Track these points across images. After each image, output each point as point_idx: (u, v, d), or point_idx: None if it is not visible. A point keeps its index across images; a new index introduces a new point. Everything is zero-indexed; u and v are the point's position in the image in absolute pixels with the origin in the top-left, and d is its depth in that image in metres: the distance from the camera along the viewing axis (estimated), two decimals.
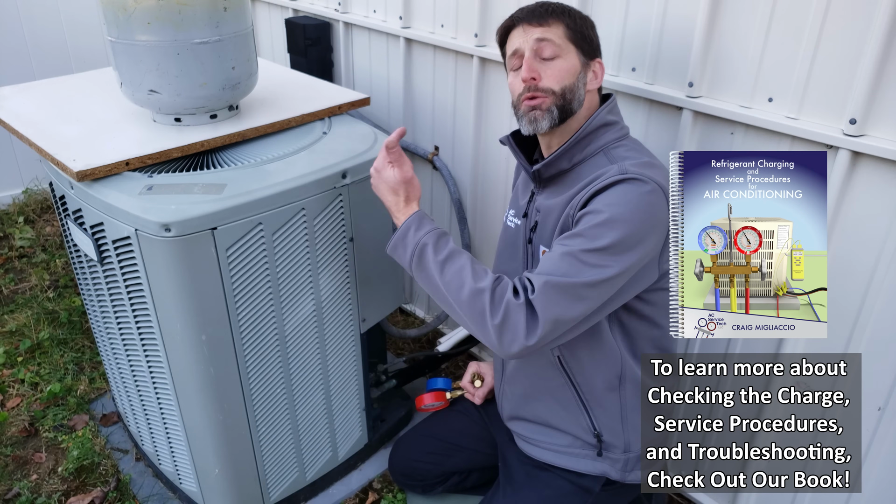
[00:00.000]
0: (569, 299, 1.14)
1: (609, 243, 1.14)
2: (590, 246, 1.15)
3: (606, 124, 1.29)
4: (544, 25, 1.26)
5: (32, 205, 3.39)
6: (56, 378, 2.31)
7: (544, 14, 1.26)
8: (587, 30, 1.29)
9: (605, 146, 1.29)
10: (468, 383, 1.73)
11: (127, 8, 1.41)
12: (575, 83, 1.26)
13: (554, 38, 1.25)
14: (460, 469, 1.71)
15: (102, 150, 1.47)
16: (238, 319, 1.46)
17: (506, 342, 1.15)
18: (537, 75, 1.26)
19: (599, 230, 1.15)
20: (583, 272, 1.14)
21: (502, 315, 1.15)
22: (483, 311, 1.17)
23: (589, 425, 1.38)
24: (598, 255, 1.14)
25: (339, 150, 1.60)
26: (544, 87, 1.26)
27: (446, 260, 1.23)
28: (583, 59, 1.28)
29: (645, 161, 1.24)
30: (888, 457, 1.40)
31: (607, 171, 1.22)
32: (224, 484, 1.64)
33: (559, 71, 1.25)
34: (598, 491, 1.41)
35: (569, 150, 1.28)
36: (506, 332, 1.15)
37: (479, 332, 1.19)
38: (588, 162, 1.29)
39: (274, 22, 2.77)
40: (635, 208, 1.16)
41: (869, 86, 1.20)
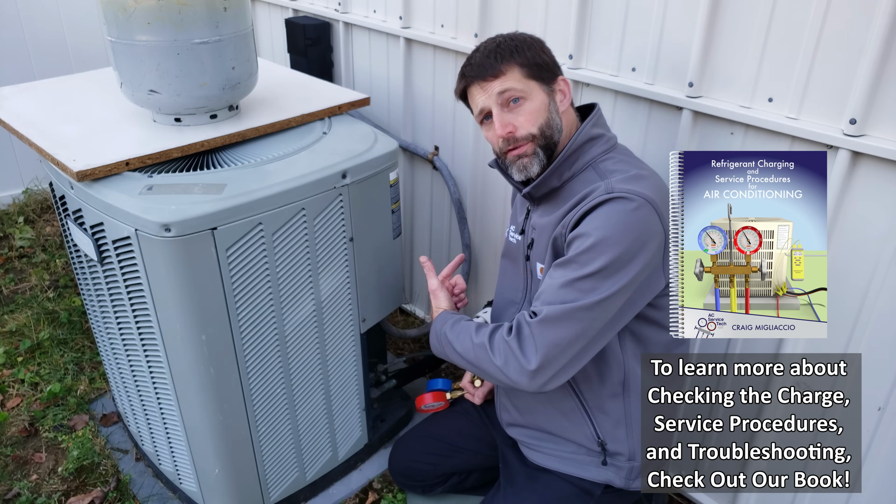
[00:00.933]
0: (564, 323, 1.18)
1: (599, 267, 1.16)
2: (582, 272, 1.17)
3: (592, 139, 1.30)
4: (500, 76, 1.25)
5: (32, 205, 3.39)
6: (56, 378, 2.31)
7: (495, 63, 1.25)
8: (540, 56, 1.28)
9: (593, 160, 1.29)
10: (468, 383, 1.73)
11: (127, 8, 1.41)
12: (549, 116, 1.27)
13: (513, 84, 1.25)
14: (460, 469, 1.71)
15: (102, 150, 1.47)
16: (238, 319, 1.46)
17: (513, 375, 1.22)
18: (512, 127, 1.27)
19: (589, 255, 1.17)
20: (578, 298, 1.17)
21: (502, 355, 1.23)
22: (488, 358, 1.25)
23: (592, 434, 1.38)
24: (592, 280, 1.17)
25: (339, 150, 1.60)
26: (523, 134, 1.27)
27: (458, 334, 1.34)
28: (546, 88, 1.27)
29: (632, 174, 1.23)
30: (888, 457, 1.40)
31: (595, 188, 1.23)
32: (224, 484, 1.64)
33: (530, 114, 1.26)
34: (599, 494, 1.41)
35: (557, 169, 1.29)
36: (510, 368, 1.22)
37: (495, 378, 1.27)
38: (578, 178, 1.29)
39: (274, 22, 2.77)
40: (622, 229, 1.17)
41: (869, 86, 1.20)
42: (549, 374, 1.20)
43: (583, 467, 1.41)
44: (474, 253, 2.24)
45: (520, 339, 1.21)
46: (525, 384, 1.21)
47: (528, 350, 1.20)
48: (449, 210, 2.28)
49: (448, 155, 2.20)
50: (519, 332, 1.22)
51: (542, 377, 1.19)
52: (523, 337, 1.21)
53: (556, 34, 1.71)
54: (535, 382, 1.20)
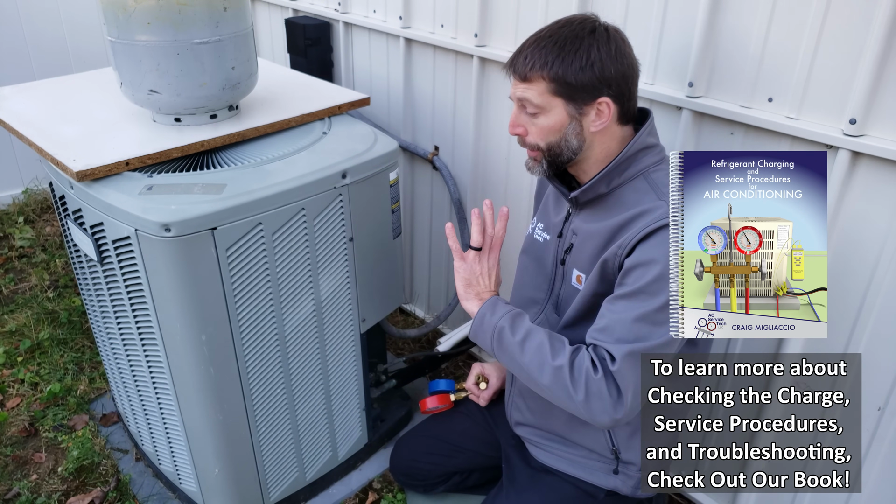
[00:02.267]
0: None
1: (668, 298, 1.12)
2: (654, 305, 1.14)
3: (646, 147, 1.26)
4: (525, 82, 1.21)
5: (32, 205, 3.39)
6: (56, 378, 2.31)
7: (525, 67, 1.20)
8: (579, 74, 1.16)
9: (645, 170, 1.25)
10: (473, 385, 1.72)
11: (127, 8, 1.41)
12: (560, 139, 1.22)
13: (533, 97, 1.20)
14: (462, 469, 1.71)
15: (102, 150, 1.47)
16: (238, 319, 1.46)
17: (595, 416, 1.18)
18: (522, 131, 1.25)
19: (655, 286, 1.14)
20: (654, 333, 1.15)
21: (584, 391, 1.17)
22: (566, 388, 1.19)
23: (608, 442, 1.37)
24: (665, 312, 1.13)
25: (339, 150, 1.60)
26: (530, 142, 1.26)
27: (525, 340, 1.24)
28: (573, 108, 1.19)
29: None
30: (888, 457, 1.40)
31: (655, 208, 1.18)
32: (224, 484, 1.64)
33: (541, 129, 1.23)
34: (602, 498, 1.41)
35: (607, 176, 1.24)
36: (592, 407, 1.17)
37: (567, 407, 1.21)
38: (627, 186, 1.25)
39: (274, 22, 2.77)
40: None
41: (869, 86, 1.20)
42: (630, 416, 1.18)
43: (591, 472, 1.40)
44: None
45: (607, 383, 1.16)
46: (605, 423, 1.18)
47: (616, 395, 1.16)
48: (449, 210, 2.28)
49: (448, 155, 2.20)
50: (605, 369, 1.17)
51: (623, 420, 1.18)
52: (610, 380, 1.16)
53: None
54: (613, 425, 1.18)
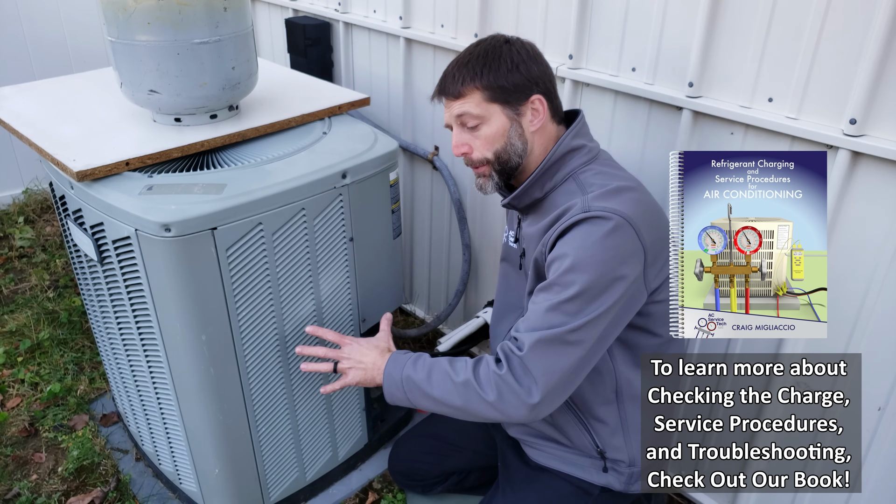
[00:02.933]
0: (559, 348, 1.16)
1: (581, 289, 1.14)
2: (565, 295, 1.15)
3: (572, 150, 1.27)
4: (460, 98, 1.24)
5: (32, 205, 3.39)
6: (56, 378, 2.31)
7: (456, 84, 1.24)
8: (507, 77, 1.22)
9: (574, 171, 1.27)
10: None
11: (127, 8, 1.41)
12: (506, 142, 1.25)
13: (472, 108, 1.23)
14: (460, 469, 1.71)
15: (102, 150, 1.47)
16: (238, 319, 1.46)
17: (511, 410, 1.18)
18: (467, 148, 1.27)
19: (569, 276, 1.15)
20: (566, 321, 1.15)
21: (494, 390, 1.18)
22: (478, 396, 1.20)
23: (591, 443, 1.38)
24: (576, 302, 1.15)
25: (339, 150, 1.60)
26: (477, 157, 1.27)
27: (429, 375, 1.26)
28: (510, 111, 1.24)
29: (611, 188, 1.20)
30: (888, 457, 1.40)
31: (572, 206, 1.20)
32: (224, 484, 1.64)
33: (486, 139, 1.25)
34: (597, 494, 1.41)
35: (538, 180, 1.27)
36: (506, 402, 1.18)
37: (488, 416, 1.21)
38: (559, 189, 1.28)
39: (274, 22, 2.77)
40: (598, 250, 1.15)
41: (869, 86, 1.20)
42: (549, 402, 1.18)
43: (584, 470, 1.41)
44: (474, 253, 2.24)
45: (514, 372, 1.17)
46: (523, 417, 1.18)
47: (527, 382, 1.16)
48: (449, 210, 2.28)
49: (448, 155, 2.20)
50: (510, 363, 1.18)
51: (542, 407, 1.17)
52: (516, 368, 1.17)
53: (555, 34, 1.71)
54: (534, 413, 1.18)
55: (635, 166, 1.63)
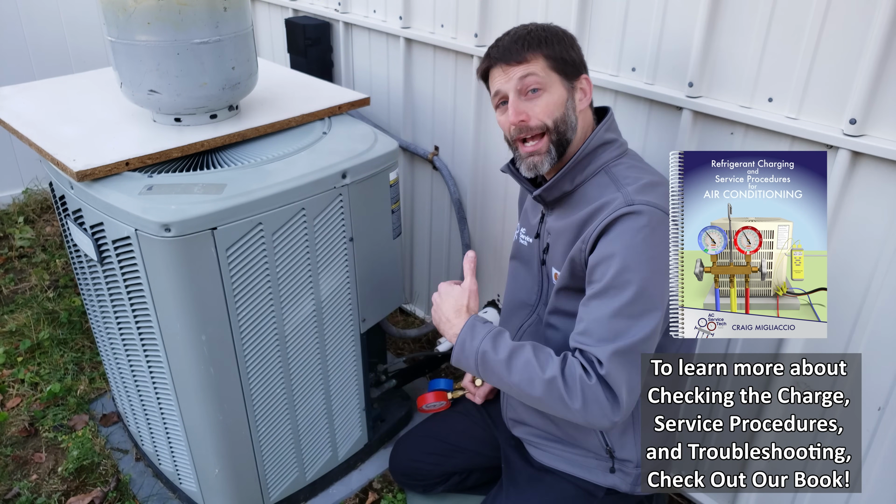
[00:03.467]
0: (631, 358, 1.15)
1: (639, 288, 1.13)
2: (625, 297, 1.14)
3: (605, 143, 1.28)
4: (524, 63, 1.23)
5: (32, 205, 3.39)
6: (56, 378, 2.31)
7: (521, 50, 1.24)
8: (567, 51, 1.26)
9: (606, 164, 1.27)
10: (469, 383, 1.73)
11: (127, 8, 1.41)
12: (565, 112, 1.25)
13: (537, 70, 1.23)
14: (461, 469, 1.71)
15: (102, 150, 1.47)
16: (238, 319, 1.46)
17: (594, 421, 1.17)
18: (525, 116, 1.25)
19: (623, 277, 1.14)
20: (634, 327, 1.14)
21: (581, 398, 1.15)
22: (561, 399, 1.17)
23: (601, 442, 1.37)
24: (638, 304, 1.14)
25: (339, 150, 1.60)
26: (536, 125, 1.25)
27: (509, 359, 1.21)
28: (567, 84, 1.26)
29: (646, 182, 1.21)
30: (888, 457, 1.40)
31: (612, 200, 1.20)
32: (224, 484, 1.64)
33: (547, 105, 1.24)
34: (601, 496, 1.41)
35: (569, 172, 1.27)
36: (591, 413, 1.16)
37: (564, 416, 1.20)
38: (590, 182, 1.27)
39: (274, 22, 2.77)
40: (647, 246, 1.14)
41: (869, 86, 1.20)
42: (629, 413, 1.17)
43: (590, 471, 1.41)
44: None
45: (602, 384, 1.15)
46: (605, 427, 1.18)
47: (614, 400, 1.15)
48: (449, 210, 2.28)
49: (448, 155, 2.20)
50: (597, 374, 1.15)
51: (621, 420, 1.17)
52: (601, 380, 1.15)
53: None
54: (615, 424, 1.17)
55: None
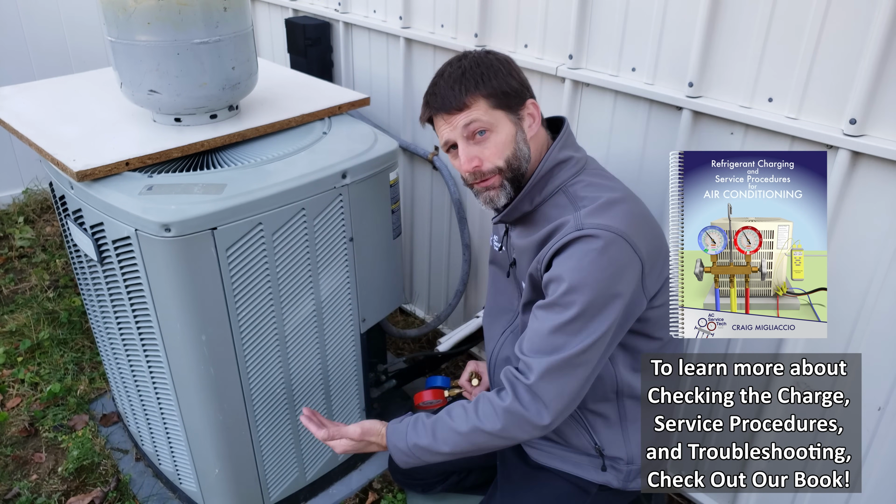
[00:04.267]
0: (567, 371, 1.16)
1: (581, 309, 1.14)
2: (567, 316, 1.15)
3: (560, 162, 1.26)
4: (464, 109, 1.21)
5: (32, 205, 3.39)
6: (56, 378, 2.31)
7: (458, 96, 1.21)
8: (506, 82, 1.22)
9: (563, 184, 1.26)
10: (466, 382, 1.73)
11: (127, 8, 1.41)
12: (515, 148, 1.23)
13: (481, 115, 1.20)
14: (459, 468, 1.71)
15: (102, 150, 1.47)
16: (238, 319, 1.46)
17: (521, 434, 1.20)
18: (478, 161, 1.23)
19: (568, 297, 1.15)
20: (570, 343, 1.15)
21: (500, 421, 1.19)
22: (486, 436, 1.21)
23: (590, 441, 1.38)
24: (578, 322, 1.15)
25: (339, 150, 1.60)
26: (489, 168, 1.24)
27: (434, 437, 1.27)
28: (513, 116, 1.23)
29: (602, 202, 1.19)
30: (888, 457, 1.40)
31: (565, 222, 1.20)
32: (224, 484, 1.64)
33: (496, 146, 1.22)
34: (595, 493, 1.41)
35: (528, 195, 1.26)
36: (513, 429, 1.19)
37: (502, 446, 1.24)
38: (549, 202, 1.27)
39: (274, 22, 2.77)
40: (594, 269, 1.14)
41: (869, 86, 1.20)
42: (559, 419, 1.19)
43: (583, 468, 1.41)
44: (474, 253, 2.24)
45: (520, 400, 1.18)
46: (537, 435, 1.21)
47: (535, 407, 1.17)
48: (449, 210, 2.28)
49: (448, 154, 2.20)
50: (516, 391, 1.19)
51: (553, 425, 1.19)
52: (523, 395, 1.18)
53: (555, 34, 1.71)
54: (545, 431, 1.20)
55: (635, 166, 1.63)
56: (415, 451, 1.29)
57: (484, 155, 1.23)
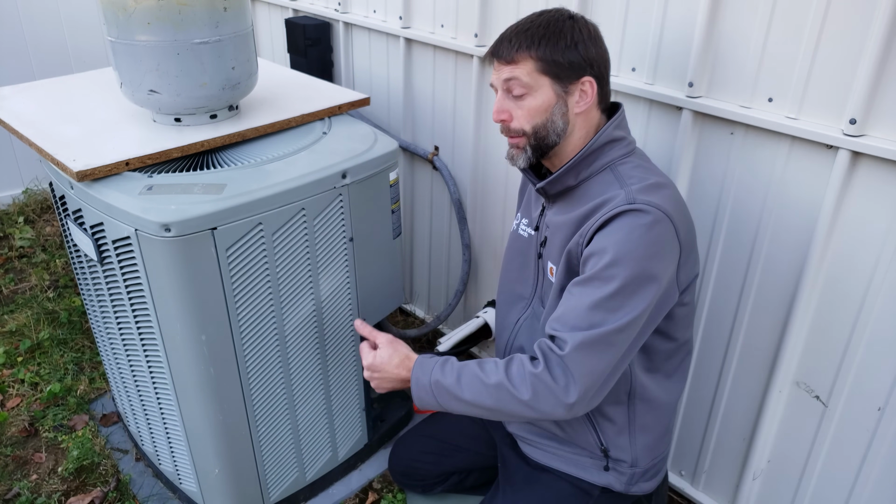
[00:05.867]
0: (601, 349, 1.14)
1: (622, 283, 1.12)
2: (607, 290, 1.13)
3: (613, 140, 1.26)
4: (511, 63, 1.20)
5: (32, 205, 3.39)
6: (56, 378, 2.31)
7: (510, 49, 1.20)
8: (565, 53, 1.19)
9: (612, 162, 1.25)
10: None
11: (127, 8, 1.41)
12: (547, 119, 1.22)
13: (521, 76, 1.20)
14: (460, 469, 1.71)
15: (102, 150, 1.47)
16: (238, 319, 1.46)
17: (547, 408, 1.16)
18: (507, 116, 1.24)
19: (610, 271, 1.13)
20: (608, 319, 1.13)
21: (530, 389, 1.16)
22: (511, 396, 1.17)
23: (596, 441, 1.37)
24: (618, 299, 1.13)
25: (339, 150, 1.60)
26: (515, 127, 1.24)
27: (458, 379, 1.23)
28: (559, 87, 1.21)
29: (651, 183, 1.20)
30: (888, 457, 1.40)
31: (614, 196, 1.19)
32: (224, 484, 1.64)
33: (528, 111, 1.22)
34: (597, 495, 1.41)
35: (574, 167, 1.25)
36: (541, 400, 1.16)
37: (523, 414, 1.19)
38: (595, 178, 1.26)
39: (274, 22, 2.77)
40: (640, 243, 1.13)
41: (869, 86, 1.20)
42: (586, 402, 1.16)
43: (584, 469, 1.41)
44: (474, 253, 2.24)
45: (551, 371, 1.15)
46: (560, 415, 1.17)
47: (564, 381, 1.14)
48: (449, 210, 2.28)
49: (448, 155, 2.20)
50: (548, 362, 1.16)
51: (579, 408, 1.16)
52: (554, 367, 1.15)
53: None
54: (571, 412, 1.16)
55: None
56: (435, 389, 1.25)
57: (515, 114, 1.23)
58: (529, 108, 1.22)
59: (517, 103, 1.23)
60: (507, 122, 1.25)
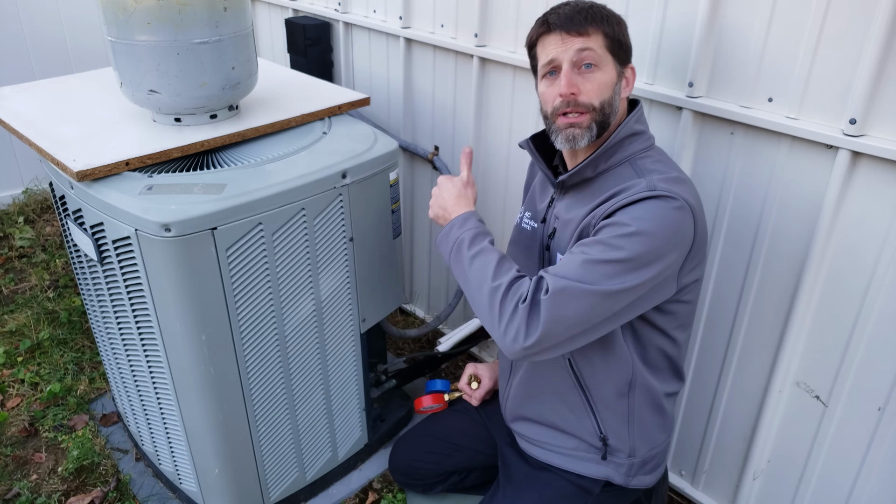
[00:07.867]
0: (575, 302, 1.12)
1: (629, 256, 1.11)
2: (610, 256, 1.12)
3: (634, 134, 1.26)
4: (584, 35, 1.19)
5: (32, 205, 3.39)
6: (56, 378, 2.31)
7: (584, 22, 1.19)
8: (624, 35, 1.24)
9: (632, 156, 1.25)
10: (465, 385, 1.73)
11: (127, 8, 1.41)
12: (612, 96, 1.22)
13: (595, 47, 1.19)
14: (460, 468, 1.71)
15: (102, 150, 1.47)
16: (238, 319, 1.46)
17: (506, 340, 1.15)
18: (577, 90, 1.20)
19: (622, 241, 1.12)
20: (600, 281, 1.12)
21: (508, 314, 1.15)
22: (494, 308, 1.17)
23: (595, 429, 1.38)
24: (617, 266, 1.12)
25: (339, 150, 1.60)
26: (584, 102, 1.21)
27: (476, 255, 1.25)
28: (618, 68, 1.23)
29: (673, 176, 1.20)
30: (888, 457, 1.40)
31: (635, 185, 1.19)
32: (224, 484, 1.64)
33: (599, 85, 1.21)
34: (598, 492, 1.41)
35: (595, 160, 1.25)
36: (509, 331, 1.15)
37: (489, 327, 1.20)
38: (613, 171, 1.26)
39: (274, 22, 2.77)
40: (661, 224, 1.13)
41: (869, 86, 1.20)
42: (538, 349, 1.14)
43: (582, 464, 1.41)
44: None
45: (532, 308, 1.13)
46: (510, 351, 1.15)
47: (533, 324, 1.12)
48: None
49: (448, 155, 2.20)
50: (534, 301, 1.14)
51: (531, 351, 1.14)
52: (535, 306, 1.13)
53: None
54: (521, 354, 1.15)
55: None
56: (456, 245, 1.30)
57: (585, 88, 1.21)
58: (600, 81, 1.21)
59: (585, 78, 1.21)
60: (576, 95, 1.21)
